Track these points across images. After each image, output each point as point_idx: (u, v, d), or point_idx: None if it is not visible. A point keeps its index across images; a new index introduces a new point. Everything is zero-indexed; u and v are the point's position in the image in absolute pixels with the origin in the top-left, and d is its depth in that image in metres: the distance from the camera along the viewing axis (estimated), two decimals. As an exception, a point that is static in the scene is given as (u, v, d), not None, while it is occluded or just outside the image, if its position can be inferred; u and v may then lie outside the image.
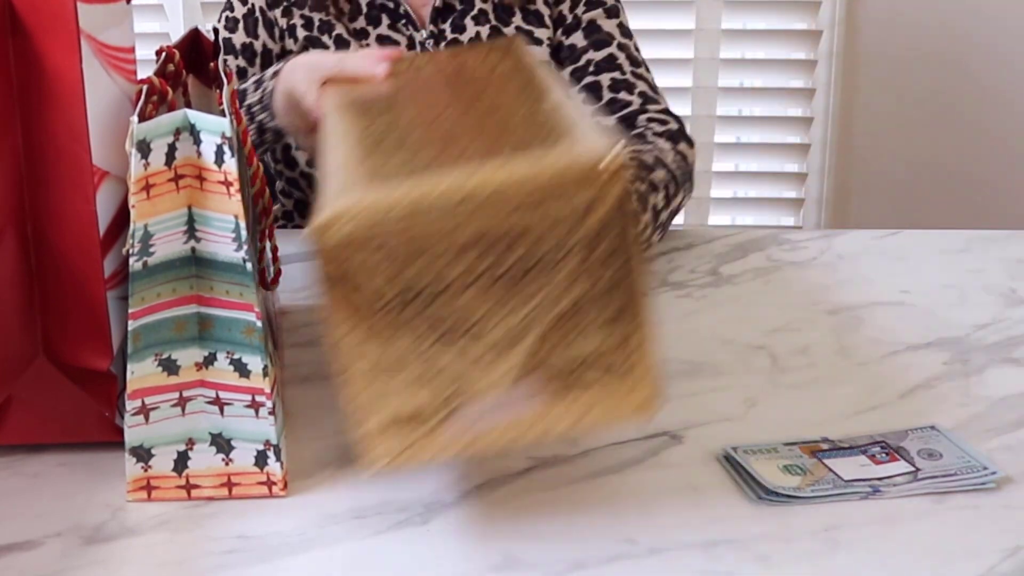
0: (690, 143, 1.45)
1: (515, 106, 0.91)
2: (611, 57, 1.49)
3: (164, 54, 0.99)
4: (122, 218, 0.89)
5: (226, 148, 0.84)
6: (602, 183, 0.76)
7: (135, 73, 0.95)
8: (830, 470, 0.93)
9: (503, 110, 0.90)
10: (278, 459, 0.90)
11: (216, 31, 1.00)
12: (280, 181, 1.57)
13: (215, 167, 0.85)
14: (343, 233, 0.75)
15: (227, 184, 0.84)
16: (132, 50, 0.94)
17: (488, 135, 0.84)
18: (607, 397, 0.79)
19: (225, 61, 1.43)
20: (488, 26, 1.48)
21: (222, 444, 0.89)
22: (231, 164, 0.84)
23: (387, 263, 0.75)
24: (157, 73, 0.93)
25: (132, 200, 0.84)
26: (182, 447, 0.89)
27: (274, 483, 0.90)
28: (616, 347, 0.79)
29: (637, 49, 1.53)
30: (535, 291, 0.77)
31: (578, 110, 0.86)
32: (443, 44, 1.47)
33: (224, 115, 0.87)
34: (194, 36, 1.04)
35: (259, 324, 0.85)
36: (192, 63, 1.04)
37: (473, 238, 0.75)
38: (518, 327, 0.77)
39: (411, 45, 1.47)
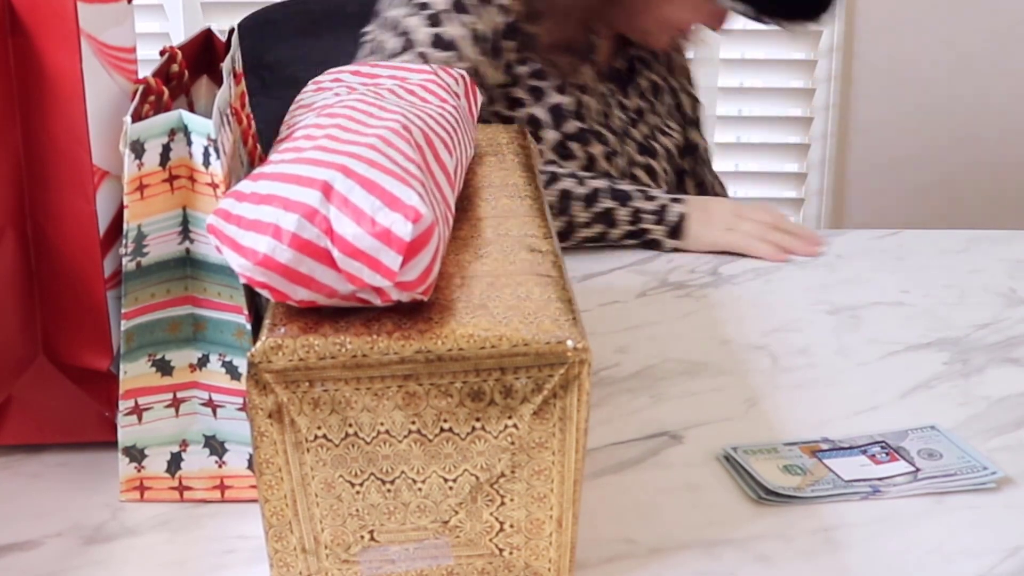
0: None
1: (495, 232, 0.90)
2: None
3: (167, 54, 0.99)
4: (122, 218, 0.89)
5: (211, 150, 0.84)
6: (562, 365, 0.74)
7: (136, 73, 0.95)
8: (830, 470, 0.94)
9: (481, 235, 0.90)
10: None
11: (232, 31, 1.00)
12: None
13: (203, 169, 0.85)
14: (279, 367, 0.74)
15: (214, 186, 0.84)
16: (133, 50, 0.94)
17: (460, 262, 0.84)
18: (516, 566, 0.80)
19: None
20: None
21: (215, 446, 0.89)
22: (216, 166, 0.84)
23: (327, 403, 0.75)
24: (158, 73, 0.93)
25: (126, 200, 0.84)
26: (176, 448, 0.89)
27: (272, 484, 0.90)
28: (533, 525, 0.79)
29: None
30: (471, 454, 0.76)
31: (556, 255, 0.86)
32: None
33: (228, 116, 0.87)
34: (206, 36, 1.04)
35: (248, 327, 0.85)
36: (205, 64, 1.04)
37: (412, 398, 0.75)
38: (447, 484, 0.77)
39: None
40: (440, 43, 1.40)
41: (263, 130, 1.05)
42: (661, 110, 1.61)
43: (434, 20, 1.41)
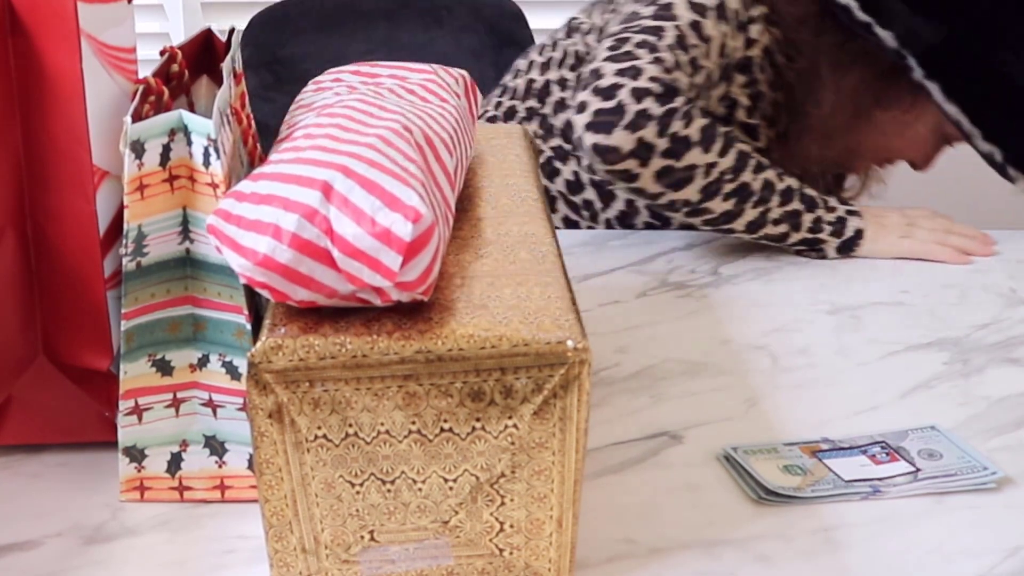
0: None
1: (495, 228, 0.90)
2: None
3: (167, 54, 0.99)
4: (122, 218, 0.89)
5: (211, 150, 0.84)
6: (562, 365, 0.74)
7: (136, 73, 0.95)
8: (830, 470, 0.94)
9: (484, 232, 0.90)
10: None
11: (232, 31, 1.00)
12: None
13: (203, 169, 0.85)
14: (279, 367, 0.74)
15: (214, 186, 0.84)
16: (133, 50, 0.94)
17: (462, 260, 0.84)
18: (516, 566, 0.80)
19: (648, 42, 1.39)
20: None
21: (215, 446, 0.89)
22: (216, 166, 0.84)
23: (327, 403, 0.75)
24: (158, 73, 0.93)
25: (126, 200, 0.84)
26: (176, 448, 0.89)
27: (272, 484, 0.90)
28: (534, 525, 0.78)
29: None
30: (471, 455, 0.76)
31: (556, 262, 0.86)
32: None
33: (228, 116, 0.87)
34: (206, 36, 1.04)
35: (248, 327, 0.85)
36: (205, 64, 1.04)
37: (412, 398, 0.75)
38: (447, 484, 0.77)
39: None
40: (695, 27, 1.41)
41: (275, 125, 1.05)
42: None
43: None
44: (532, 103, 1.57)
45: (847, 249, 1.40)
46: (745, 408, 1.05)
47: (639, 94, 1.31)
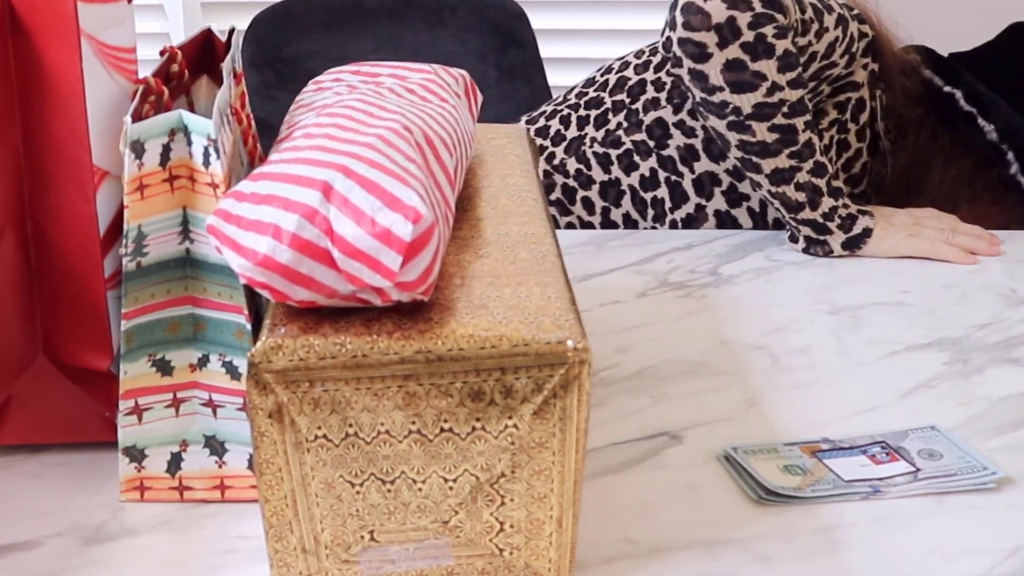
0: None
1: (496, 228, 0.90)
2: None
3: (167, 54, 0.99)
4: (122, 218, 0.89)
5: (211, 150, 0.84)
6: (562, 365, 0.74)
7: (136, 73, 0.95)
8: (830, 470, 0.94)
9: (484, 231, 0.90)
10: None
11: (232, 31, 1.00)
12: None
13: (203, 168, 0.85)
14: (279, 367, 0.74)
15: (214, 186, 0.84)
16: (133, 50, 0.94)
17: (462, 261, 0.84)
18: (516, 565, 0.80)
19: None
20: None
21: (215, 446, 0.89)
22: (216, 166, 0.84)
23: (327, 403, 0.75)
24: (158, 73, 0.93)
25: (126, 200, 0.84)
26: (176, 448, 0.89)
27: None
28: (534, 525, 0.78)
29: None
30: (471, 455, 0.76)
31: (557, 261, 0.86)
32: None
33: (228, 116, 0.87)
34: (206, 36, 1.04)
35: (248, 327, 0.85)
36: (205, 64, 1.04)
37: (412, 398, 0.75)
38: (447, 484, 0.77)
39: None
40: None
41: (279, 124, 1.05)
42: None
43: None
44: (621, 96, 1.57)
45: (853, 245, 1.41)
46: (745, 408, 1.05)
47: None
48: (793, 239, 1.42)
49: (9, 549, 0.85)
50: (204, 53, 1.03)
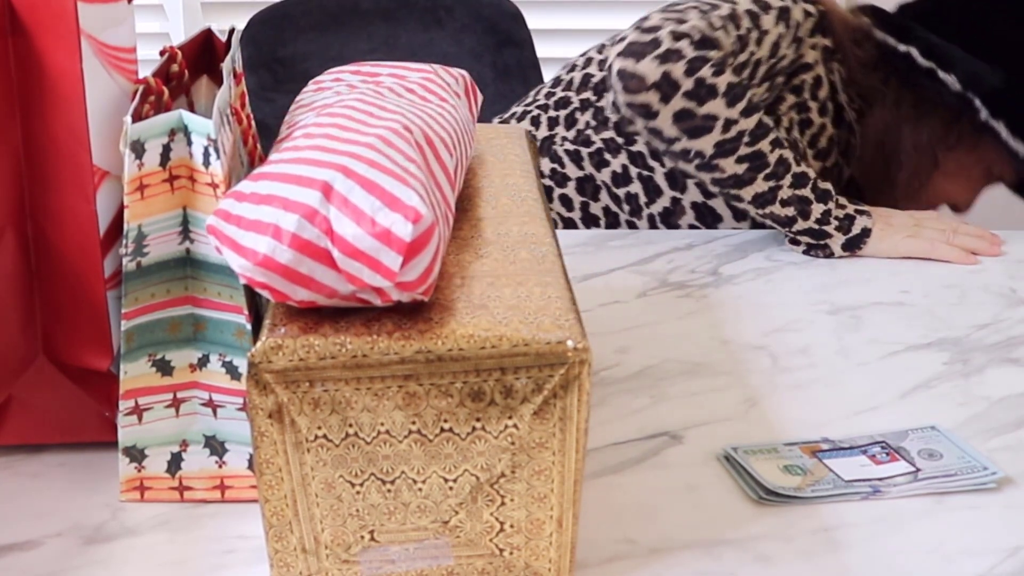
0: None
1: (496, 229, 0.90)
2: None
3: (167, 54, 0.99)
4: (122, 218, 0.89)
5: (211, 150, 0.84)
6: (562, 365, 0.74)
7: (136, 73, 0.95)
8: (830, 470, 0.94)
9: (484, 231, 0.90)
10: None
11: (232, 31, 1.00)
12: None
13: (203, 168, 0.85)
14: (279, 367, 0.74)
15: (214, 186, 0.84)
16: (133, 50, 0.94)
17: (462, 260, 0.84)
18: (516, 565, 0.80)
19: None
20: None
21: (215, 446, 0.89)
22: (216, 166, 0.84)
23: (327, 403, 0.75)
24: (158, 73, 0.93)
25: (126, 200, 0.84)
26: (176, 448, 0.89)
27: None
28: (534, 525, 0.78)
29: None
30: (471, 455, 0.76)
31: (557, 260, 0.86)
32: None
33: (228, 116, 0.87)
34: (206, 36, 1.04)
35: (248, 327, 0.85)
36: (205, 64, 1.04)
37: (412, 398, 0.75)
38: (447, 484, 0.77)
39: None
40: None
41: (275, 125, 1.05)
42: None
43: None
44: (587, 95, 1.57)
45: (853, 246, 1.41)
46: (745, 408, 1.05)
47: (677, 35, 1.33)
48: (794, 243, 1.42)
49: (9, 549, 0.85)
50: (204, 53, 1.03)
